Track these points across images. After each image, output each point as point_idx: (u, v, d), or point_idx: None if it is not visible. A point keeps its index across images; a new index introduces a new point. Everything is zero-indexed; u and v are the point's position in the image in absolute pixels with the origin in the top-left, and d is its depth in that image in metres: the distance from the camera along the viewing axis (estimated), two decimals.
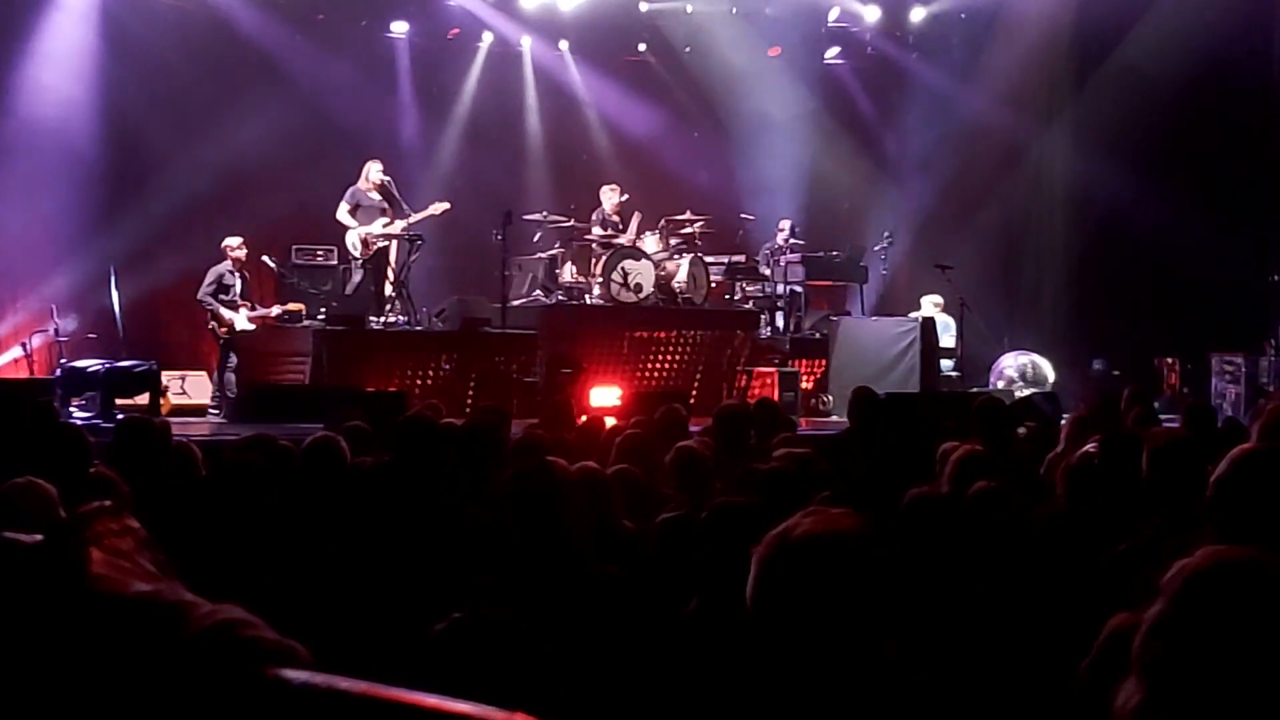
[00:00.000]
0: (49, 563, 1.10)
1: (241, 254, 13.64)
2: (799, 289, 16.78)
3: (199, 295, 13.55)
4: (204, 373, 14.74)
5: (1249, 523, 3.35)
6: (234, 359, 13.58)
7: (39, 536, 1.17)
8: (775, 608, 2.01)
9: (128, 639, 1.03)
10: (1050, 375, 16.44)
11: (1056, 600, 4.00)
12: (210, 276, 13.57)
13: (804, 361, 15.88)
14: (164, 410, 12.74)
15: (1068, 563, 4.20)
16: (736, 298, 16.58)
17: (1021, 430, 8.88)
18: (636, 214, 15.75)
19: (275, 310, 13.89)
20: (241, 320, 13.49)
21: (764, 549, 2.05)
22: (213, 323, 13.54)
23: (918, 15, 19.19)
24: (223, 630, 1.02)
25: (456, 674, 2.78)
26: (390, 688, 1.00)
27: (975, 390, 14.43)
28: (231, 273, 13.59)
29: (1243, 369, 15.50)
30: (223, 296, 13.52)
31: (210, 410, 13.82)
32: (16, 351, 14.09)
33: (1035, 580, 4.47)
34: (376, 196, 14.50)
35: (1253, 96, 17.33)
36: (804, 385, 15.38)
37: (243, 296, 13.62)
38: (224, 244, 13.62)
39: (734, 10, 18.54)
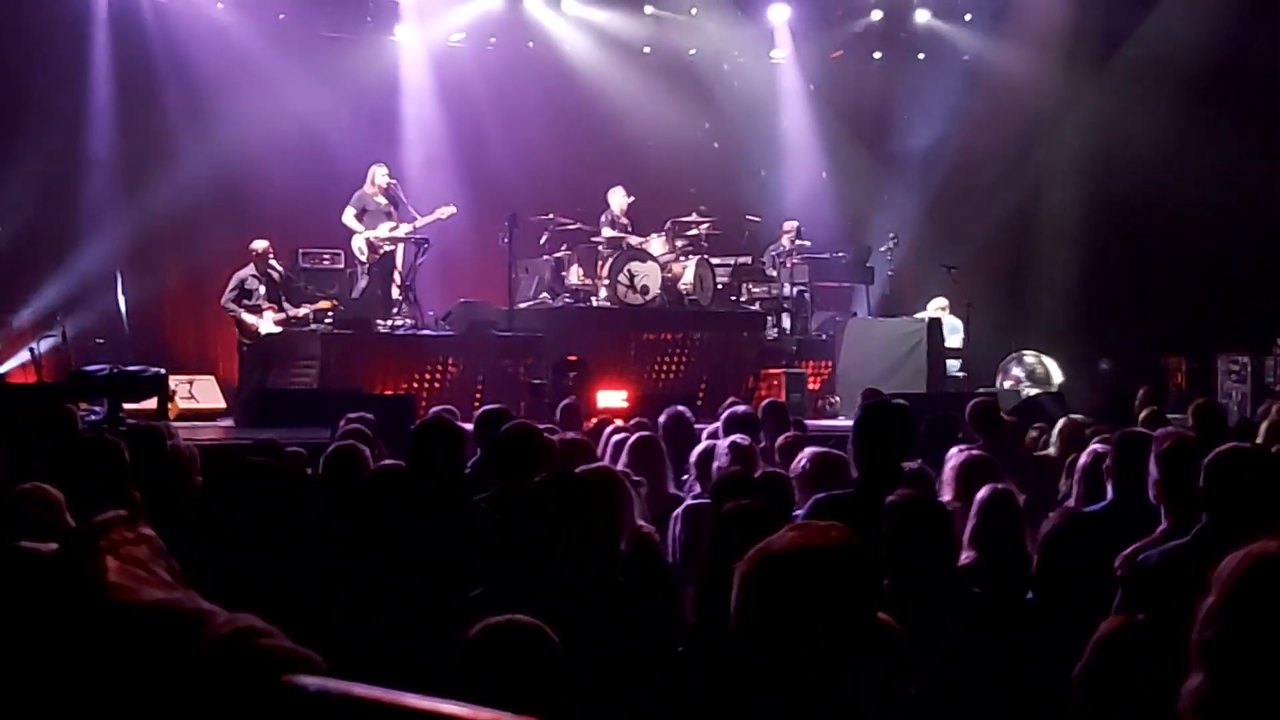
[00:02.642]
0: (65, 572, 1.10)
1: (268, 256, 13.61)
2: (805, 290, 16.78)
3: (222, 301, 13.55)
4: (211, 377, 14.75)
5: None
6: (253, 363, 13.57)
7: (55, 545, 1.17)
8: (755, 621, 2.02)
9: (144, 648, 1.03)
10: (1057, 376, 16.42)
11: (1065, 602, 3.99)
12: (233, 282, 13.56)
13: (811, 363, 15.89)
14: (172, 415, 12.74)
15: (1079, 563, 4.19)
16: (743, 299, 16.57)
17: (1033, 432, 8.90)
18: (665, 224, 15.72)
19: (304, 310, 13.87)
20: (266, 324, 13.48)
21: (746, 563, 2.07)
22: (236, 328, 13.55)
23: (922, 16, 19.20)
24: (239, 638, 1.02)
25: (482, 680, 2.79)
26: (407, 694, 1.00)
27: (982, 391, 14.43)
28: (255, 277, 13.57)
29: (1249, 369, 15.49)
30: (246, 301, 13.51)
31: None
32: (24, 356, 14.09)
33: (1045, 580, 4.47)
34: (382, 200, 14.50)
35: (1259, 95, 17.33)
36: (811, 386, 15.37)
37: (269, 299, 13.60)
38: (251, 246, 13.62)
39: (738, 13, 18.55)
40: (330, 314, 14.22)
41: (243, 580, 3.61)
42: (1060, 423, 8.00)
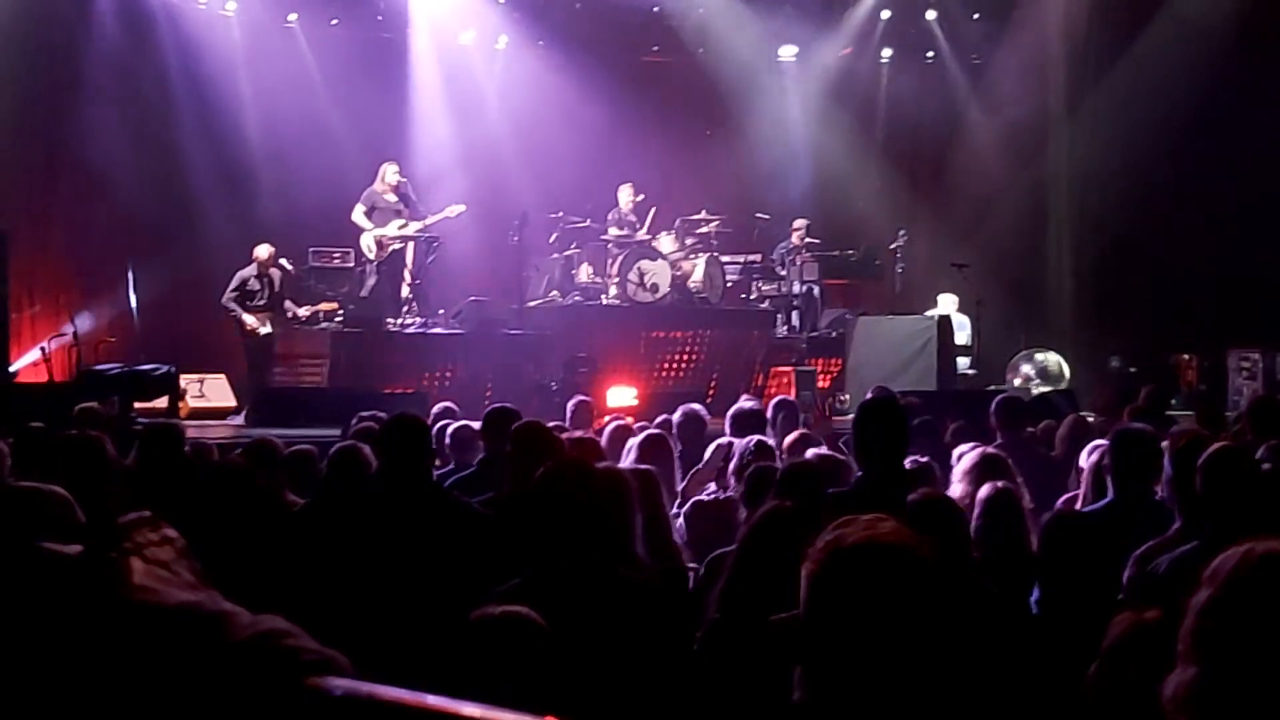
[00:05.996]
0: (89, 574, 1.10)
1: (266, 258, 13.62)
2: (815, 288, 16.75)
3: (223, 300, 13.59)
4: (223, 376, 14.78)
5: None
6: (255, 362, 13.59)
7: (78, 547, 1.17)
8: (829, 617, 2.04)
9: (169, 649, 1.03)
10: (1067, 373, 16.38)
11: (1075, 600, 3.98)
12: (234, 281, 13.60)
13: (821, 360, 15.86)
14: (182, 413, 12.76)
15: (1088, 564, 4.18)
16: (753, 297, 16.56)
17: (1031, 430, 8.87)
18: (653, 209, 15.75)
19: (305, 311, 13.88)
20: (265, 324, 13.51)
21: (815, 559, 2.07)
22: (235, 327, 13.59)
23: (931, 14, 19.17)
24: (264, 640, 1.02)
25: (481, 671, 2.80)
26: (432, 696, 1.00)
27: (992, 388, 14.40)
28: (256, 277, 13.61)
29: (1260, 365, 15.45)
30: (247, 302, 13.55)
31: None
32: (35, 355, 14.10)
33: (1050, 580, 4.45)
34: (392, 198, 14.51)
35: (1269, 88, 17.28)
36: (821, 384, 15.35)
37: (268, 300, 13.63)
38: (255, 252, 13.65)
39: (747, 12, 18.52)
40: (339, 314, 14.21)
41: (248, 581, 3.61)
42: (1069, 420, 7.96)
